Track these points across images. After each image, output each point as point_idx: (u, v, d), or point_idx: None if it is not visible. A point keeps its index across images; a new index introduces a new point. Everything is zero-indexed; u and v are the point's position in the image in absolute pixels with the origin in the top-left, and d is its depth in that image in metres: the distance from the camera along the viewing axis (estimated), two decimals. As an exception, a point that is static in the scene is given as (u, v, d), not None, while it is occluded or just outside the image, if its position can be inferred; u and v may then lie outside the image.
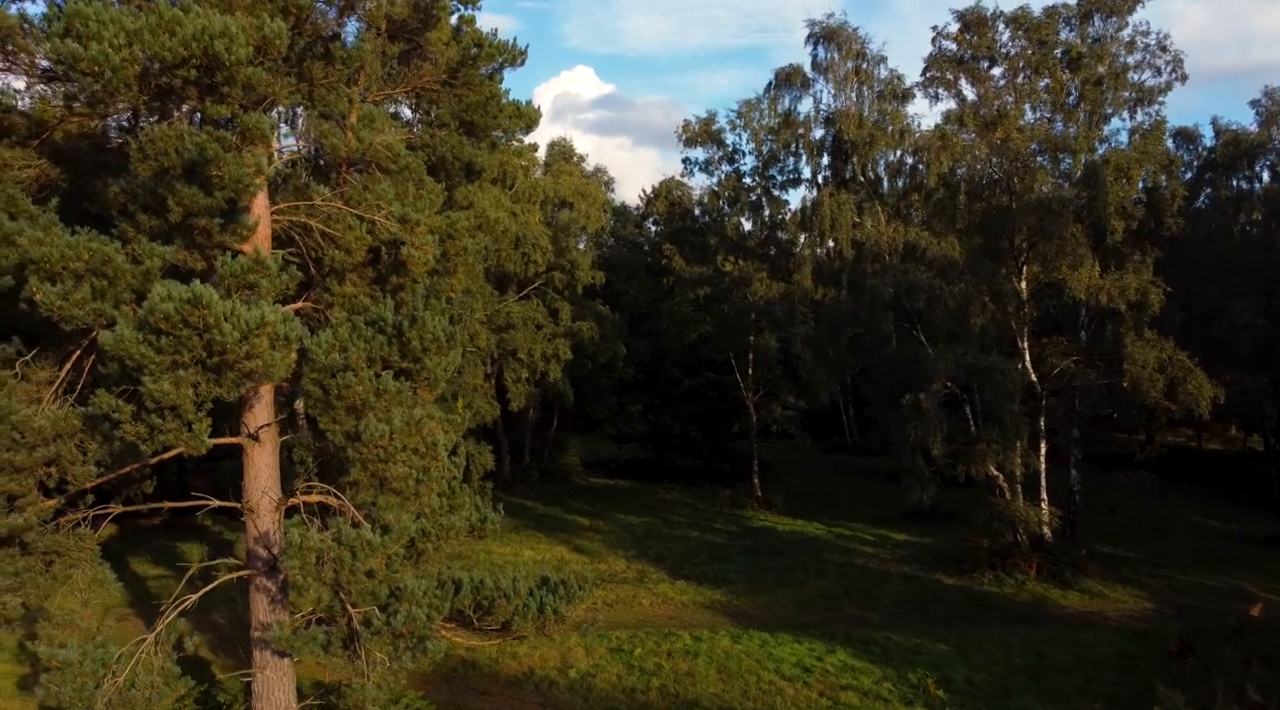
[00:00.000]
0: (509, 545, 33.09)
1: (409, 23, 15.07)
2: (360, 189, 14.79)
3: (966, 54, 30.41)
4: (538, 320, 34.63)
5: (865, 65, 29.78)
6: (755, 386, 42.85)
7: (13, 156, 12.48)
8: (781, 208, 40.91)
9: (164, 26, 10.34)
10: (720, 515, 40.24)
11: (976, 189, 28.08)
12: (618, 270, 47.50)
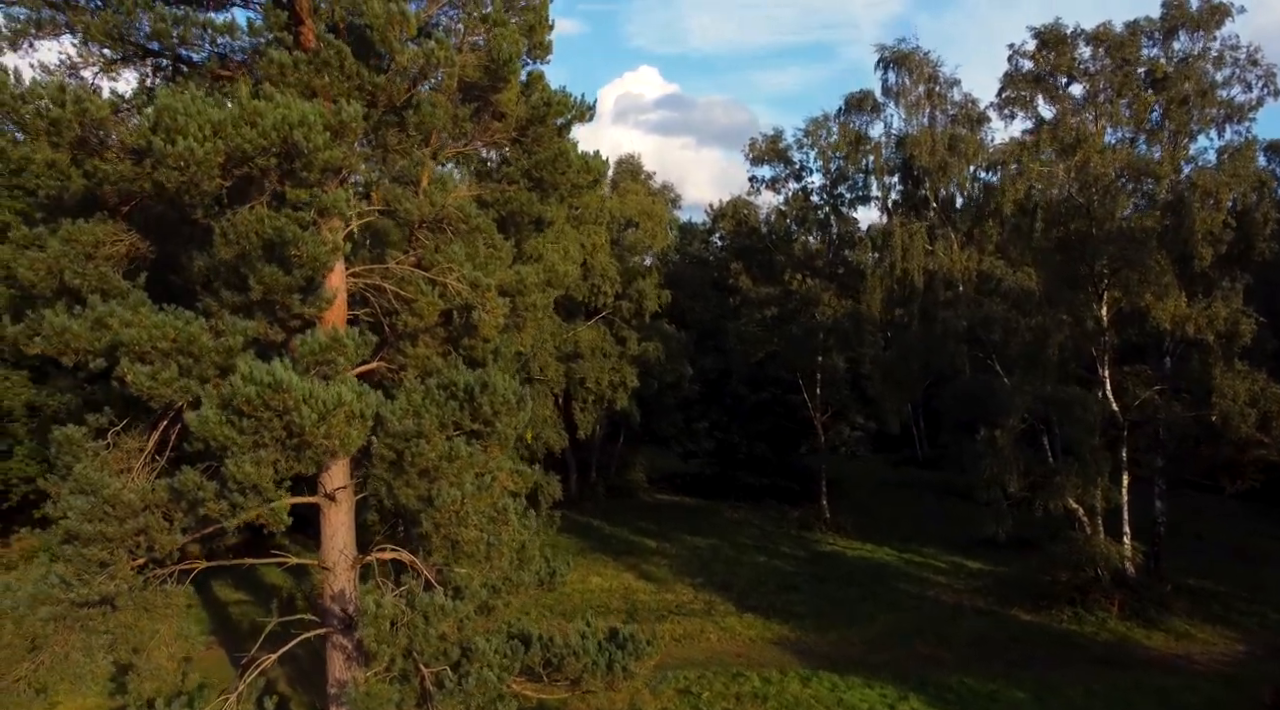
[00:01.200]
0: (577, 570, 33.08)
1: (480, 83, 15.22)
2: (432, 250, 15.02)
3: (1045, 72, 29.53)
4: (605, 349, 34.74)
5: (938, 88, 29.15)
6: (823, 406, 42.32)
7: (105, 232, 12.94)
8: (850, 226, 40.32)
9: (246, 118, 10.61)
10: (788, 538, 39.83)
11: (1054, 215, 27.25)
12: (683, 287, 47.36)
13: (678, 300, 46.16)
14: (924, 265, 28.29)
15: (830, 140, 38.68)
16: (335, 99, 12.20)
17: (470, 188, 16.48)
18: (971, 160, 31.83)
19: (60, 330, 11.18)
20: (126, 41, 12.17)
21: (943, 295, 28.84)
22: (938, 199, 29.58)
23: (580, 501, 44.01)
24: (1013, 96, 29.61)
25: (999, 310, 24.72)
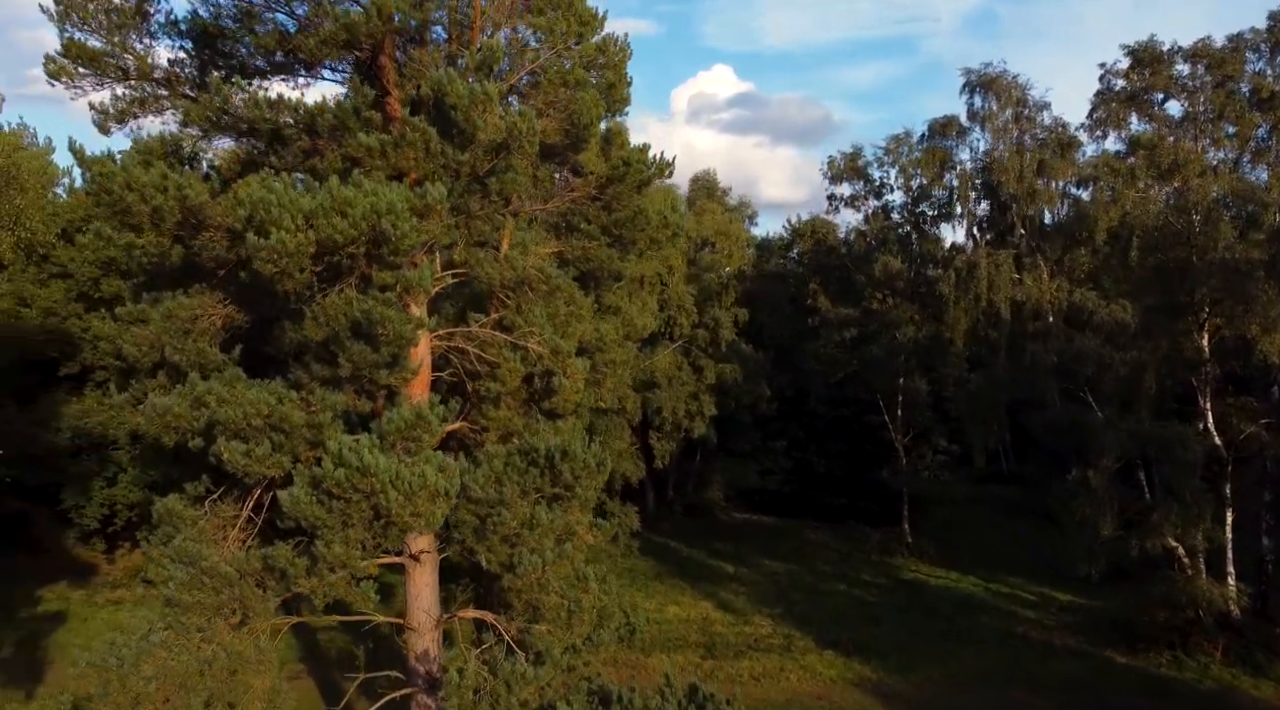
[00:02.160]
0: (654, 598, 33.24)
1: (561, 144, 15.33)
2: (514, 310, 15.17)
3: (1139, 90, 28.36)
4: (681, 378, 34.68)
5: (1026, 112, 28.24)
6: (904, 428, 41.45)
7: (202, 304, 13.44)
8: (932, 245, 39.42)
9: (336, 207, 10.87)
10: (868, 564, 39.11)
11: (1151, 241, 26.12)
12: (760, 304, 46.92)
13: (755, 317, 45.79)
14: (1011, 295, 27.40)
15: (911, 157, 37.88)
16: (420, 180, 12.41)
17: (550, 244, 16.60)
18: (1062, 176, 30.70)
19: (162, 412, 11.63)
20: (223, 124, 12.59)
21: (1031, 326, 27.90)
22: (1025, 225, 28.62)
23: (657, 521, 43.97)
24: (1104, 116, 28.51)
25: (1091, 345, 23.80)
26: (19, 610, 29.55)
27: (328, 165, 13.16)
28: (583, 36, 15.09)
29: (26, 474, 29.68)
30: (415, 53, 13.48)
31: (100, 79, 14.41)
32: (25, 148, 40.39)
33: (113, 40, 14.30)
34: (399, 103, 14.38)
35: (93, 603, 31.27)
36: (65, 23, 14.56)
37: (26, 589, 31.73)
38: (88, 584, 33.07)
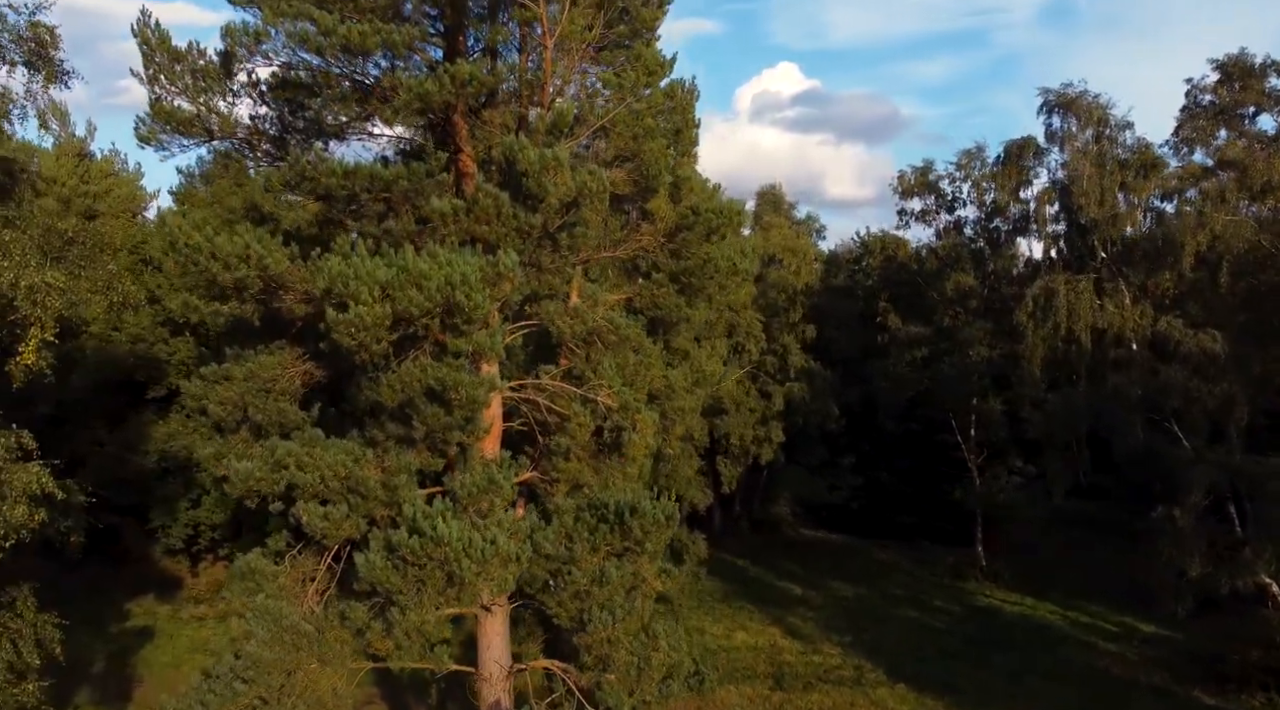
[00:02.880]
0: (721, 622, 33.11)
1: (630, 195, 15.35)
2: (583, 359, 15.24)
3: (1228, 105, 27.20)
4: (749, 404, 34.46)
5: (1108, 132, 27.28)
6: (978, 448, 40.51)
7: (283, 361, 13.81)
8: (1007, 261, 38.43)
9: (412, 280, 11.06)
10: (940, 588, 38.31)
11: (1242, 266, 25.04)
12: (829, 319, 46.33)
13: (822, 333, 45.27)
14: (1091, 322, 26.53)
15: (985, 171, 36.98)
16: (493, 246, 12.54)
17: (619, 290, 16.64)
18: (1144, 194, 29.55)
19: (245, 477, 11.99)
20: (302, 188, 12.91)
21: (1112, 353, 26.98)
22: (1107, 248, 27.70)
23: (724, 538, 43.75)
24: (1191, 134, 27.43)
25: (1178, 377, 22.90)
26: (110, 624, 30.80)
27: (402, 226, 13.40)
28: (651, 84, 15.08)
29: (117, 495, 30.92)
30: (487, 113, 13.63)
31: (186, 140, 14.92)
32: (116, 173, 42.21)
33: (198, 101, 14.79)
34: (471, 158, 14.57)
35: (178, 618, 32.42)
36: (154, 85, 15.11)
37: (116, 602, 33.06)
38: (173, 598, 34.31)
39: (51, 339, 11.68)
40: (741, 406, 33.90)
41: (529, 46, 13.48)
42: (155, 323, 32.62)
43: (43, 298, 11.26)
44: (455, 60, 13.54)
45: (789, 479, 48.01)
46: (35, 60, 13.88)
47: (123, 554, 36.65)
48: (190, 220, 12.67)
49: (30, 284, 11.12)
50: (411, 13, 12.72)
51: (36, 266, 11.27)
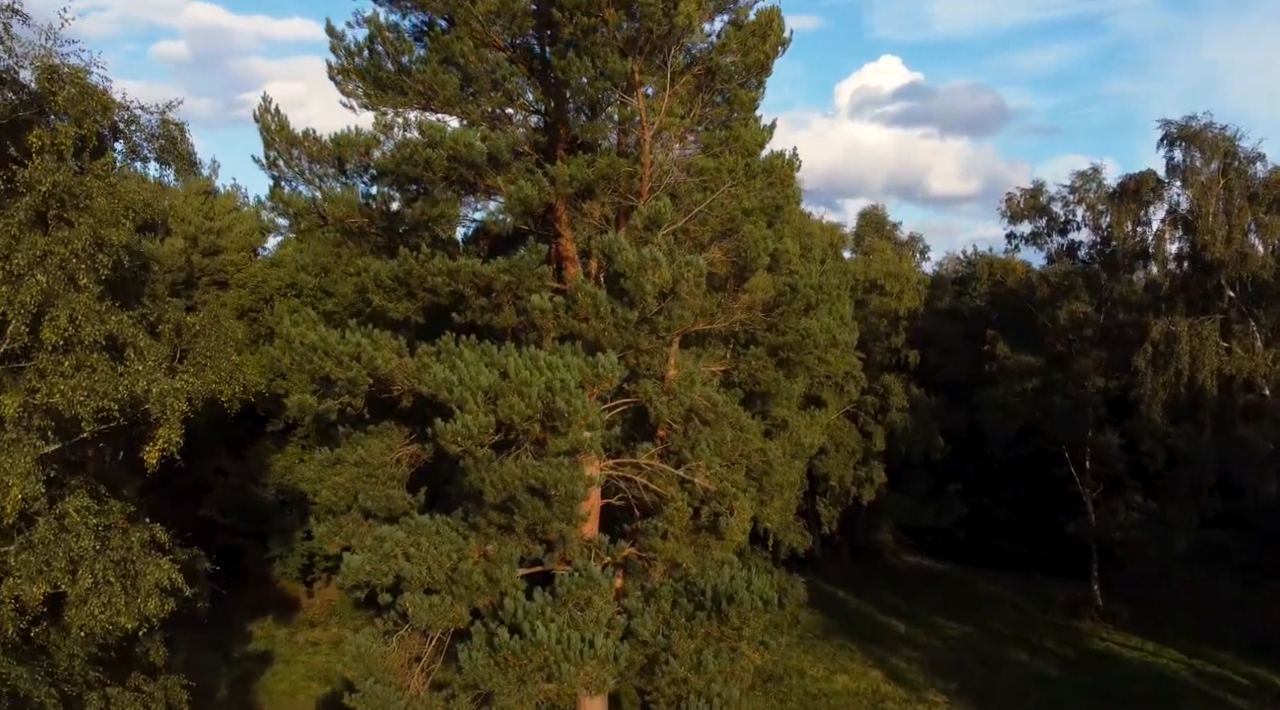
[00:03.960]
0: (822, 662, 32.57)
1: (727, 275, 15.31)
2: (680, 434, 15.28)
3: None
4: (850, 445, 33.87)
5: (1235, 165, 25.62)
6: (1094, 482, 38.77)
7: (391, 444, 14.32)
8: (1124, 287, 36.69)
9: (514, 387, 11.31)
10: (1052, 630, 36.78)
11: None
12: (933, 343, 45.12)
13: (926, 358, 44.11)
14: (1217, 368, 25.00)
15: (1101, 194, 35.39)
16: (592, 342, 12.71)
17: (717, 361, 16.61)
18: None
19: (356, 569, 12.48)
20: (409, 285, 13.34)
21: (1242, 399, 25.40)
22: (1235, 288, 26.06)
23: (824, 565, 43.06)
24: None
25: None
26: (233, 647, 32.47)
27: (504, 318, 13.70)
28: (750, 166, 15.00)
29: (238, 522, 32.58)
30: (586, 206, 13.81)
31: (300, 225, 15.61)
32: (238, 208, 44.44)
33: (314, 186, 15.46)
34: (570, 242, 14.79)
35: (294, 642, 33.92)
36: (273, 168, 15.88)
37: (237, 623, 34.82)
38: (291, 620, 35.92)
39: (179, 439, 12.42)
40: (841, 447, 33.33)
41: (627, 138, 13.57)
42: (271, 360, 34.16)
43: (172, 402, 11.97)
44: (555, 154, 13.78)
45: (892, 505, 46.97)
46: (166, 156, 14.72)
47: (244, 573, 38.60)
48: (304, 317, 13.25)
49: (161, 390, 11.86)
50: (514, 114, 12.98)
51: (166, 373, 11.99)
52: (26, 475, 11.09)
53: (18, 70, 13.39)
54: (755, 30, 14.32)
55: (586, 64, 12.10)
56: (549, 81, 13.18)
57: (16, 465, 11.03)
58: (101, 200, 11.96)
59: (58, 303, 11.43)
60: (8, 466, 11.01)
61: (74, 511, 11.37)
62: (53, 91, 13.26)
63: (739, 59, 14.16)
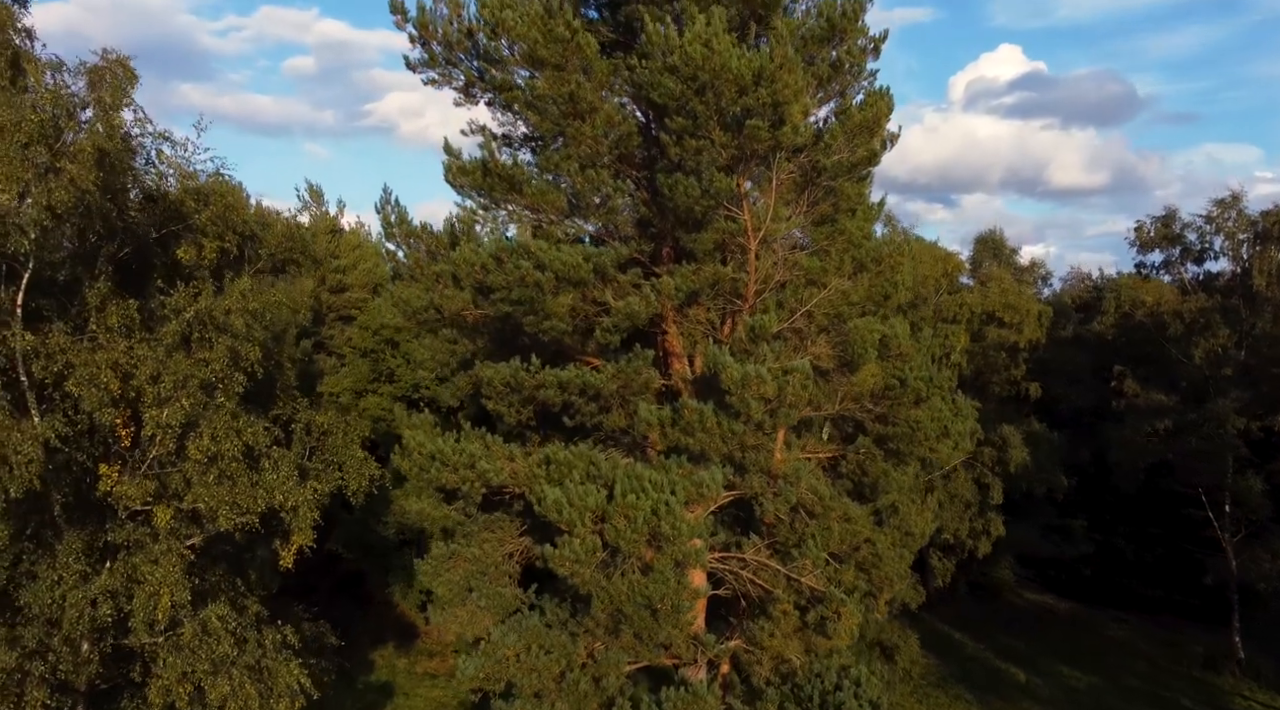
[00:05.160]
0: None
1: (834, 369, 15.18)
2: (787, 526, 15.23)
3: None
4: (965, 497, 32.86)
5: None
6: (1234, 526, 36.47)
7: (503, 537, 14.80)
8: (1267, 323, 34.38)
9: (621, 511, 11.55)
10: (1188, 683, 34.82)
11: None
12: (1055, 374, 43.30)
13: (1048, 388, 42.37)
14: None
15: (1239, 222, 33.32)
16: (697, 454, 12.83)
17: (822, 449, 16.47)
18: None
19: (471, 675, 12.97)
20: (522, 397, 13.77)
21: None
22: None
23: (939, 605, 41.87)
24: None
25: None
26: (357, 676, 33.99)
27: (613, 421, 13.97)
28: (858, 258, 14.83)
29: (360, 557, 34.12)
30: (692, 311, 13.93)
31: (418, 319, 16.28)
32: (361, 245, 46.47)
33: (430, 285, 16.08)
34: (676, 340, 14.93)
35: (413, 673, 35.24)
36: (393, 260, 16.64)
37: (360, 649, 36.39)
38: (410, 648, 37.33)
39: (311, 544, 13.21)
40: (956, 498, 32.37)
41: (732, 242, 13.62)
42: (392, 399, 35.63)
43: (304, 512, 12.76)
44: (660, 258, 13.97)
45: (1013, 539, 45.30)
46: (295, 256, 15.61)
47: (366, 598, 40.36)
48: (422, 421, 13.85)
49: (295, 503, 12.65)
50: (620, 230, 13.24)
51: (297, 481, 12.78)
52: (176, 583, 12.00)
53: (166, 189, 14.45)
54: (863, 124, 14.14)
55: (692, 184, 12.22)
56: (654, 195, 13.37)
57: (168, 575, 11.96)
58: (238, 321, 12.82)
59: (200, 422, 12.31)
60: (160, 576, 11.95)
61: (215, 618, 12.23)
62: (197, 210, 14.27)
63: (845, 156, 14.02)
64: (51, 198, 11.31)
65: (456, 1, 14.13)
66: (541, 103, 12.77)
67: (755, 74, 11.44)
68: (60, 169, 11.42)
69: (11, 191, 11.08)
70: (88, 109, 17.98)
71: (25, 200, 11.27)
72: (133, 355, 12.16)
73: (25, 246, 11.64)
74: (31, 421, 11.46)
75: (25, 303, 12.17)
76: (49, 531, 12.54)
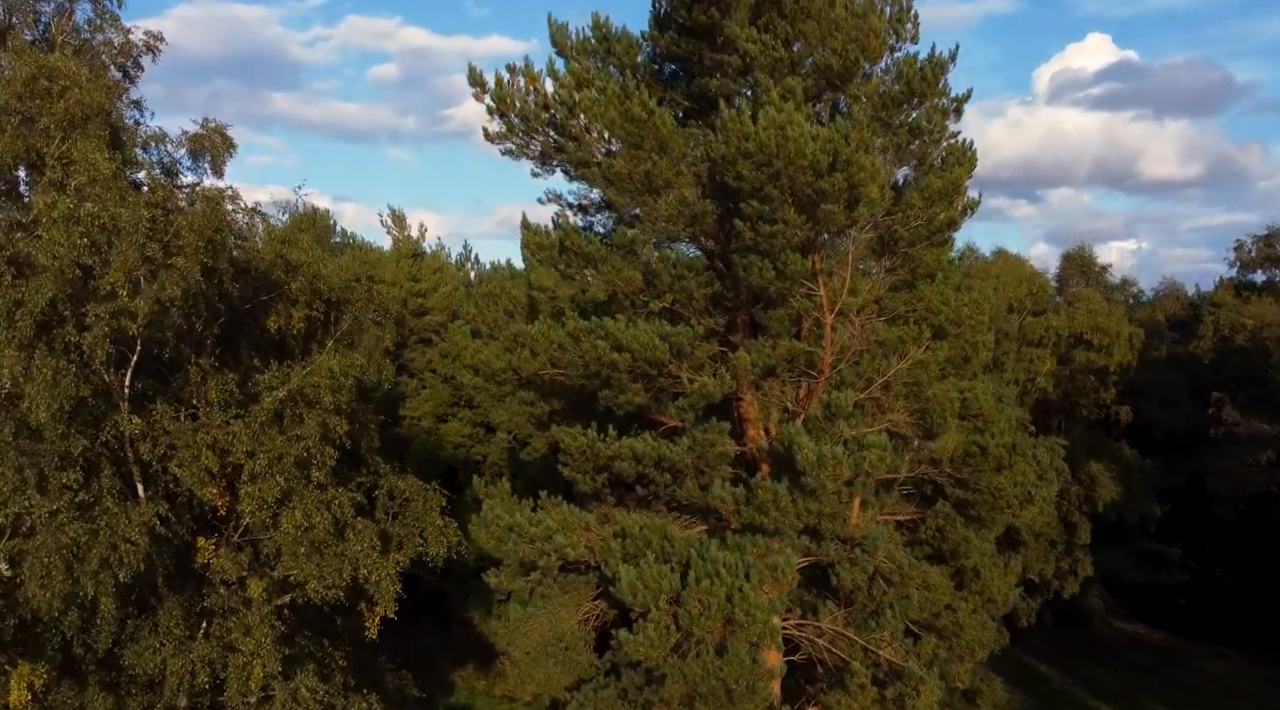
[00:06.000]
0: (1019, 757, 30.87)
1: (912, 434, 14.96)
2: (864, 592, 15.06)
3: None
4: (1051, 536, 31.88)
5: None
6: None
7: (577, 599, 14.99)
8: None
9: (696, 596, 11.61)
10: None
11: None
12: (1147, 396, 41.68)
13: (1140, 410, 40.81)
14: None
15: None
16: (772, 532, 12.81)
17: (901, 512, 16.24)
18: None
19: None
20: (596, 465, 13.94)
21: None
22: None
23: (1025, 635, 40.66)
24: None
25: None
26: (438, 699, 34.69)
27: (687, 492, 14.03)
28: (937, 325, 14.58)
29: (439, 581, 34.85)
30: (767, 384, 13.89)
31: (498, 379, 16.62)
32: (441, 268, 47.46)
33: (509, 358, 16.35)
34: (752, 407, 14.90)
35: (492, 695, 35.80)
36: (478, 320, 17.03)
37: (441, 669, 37.12)
38: (489, 670, 37.94)
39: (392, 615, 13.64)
40: (1041, 538, 31.44)
41: (808, 315, 13.55)
42: (471, 425, 36.31)
43: (387, 585, 13.18)
44: (735, 330, 13.97)
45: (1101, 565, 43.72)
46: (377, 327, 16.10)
47: (447, 617, 41.17)
48: (499, 491, 14.15)
49: (378, 576, 13.07)
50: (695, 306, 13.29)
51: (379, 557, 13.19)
52: (268, 654, 12.51)
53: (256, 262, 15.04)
54: (942, 191, 13.90)
55: (767, 266, 12.20)
56: (728, 267, 13.38)
57: (261, 645, 12.48)
58: (328, 397, 13.29)
59: (293, 498, 12.81)
60: (253, 646, 12.47)
61: (305, 689, 12.72)
62: (287, 281, 14.84)
63: (924, 224, 13.80)
64: (163, 293, 11.89)
65: (533, 75, 14.35)
66: (618, 180, 12.90)
67: (831, 159, 11.35)
68: (171, 265, 12.00)
69: (128, 288, 11.69)
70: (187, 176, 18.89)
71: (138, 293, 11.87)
72: (229, 432, 12.71)
73: (135, 332, 12.27)
74: (140, 507, 12.09)
75: (131, 383, 12.83)
76: (152, 597, 13.19)
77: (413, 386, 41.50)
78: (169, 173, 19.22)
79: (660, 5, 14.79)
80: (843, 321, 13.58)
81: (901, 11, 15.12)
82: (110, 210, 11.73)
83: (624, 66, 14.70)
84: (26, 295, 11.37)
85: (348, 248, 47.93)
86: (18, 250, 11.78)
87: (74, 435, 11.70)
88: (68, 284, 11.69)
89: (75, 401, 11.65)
